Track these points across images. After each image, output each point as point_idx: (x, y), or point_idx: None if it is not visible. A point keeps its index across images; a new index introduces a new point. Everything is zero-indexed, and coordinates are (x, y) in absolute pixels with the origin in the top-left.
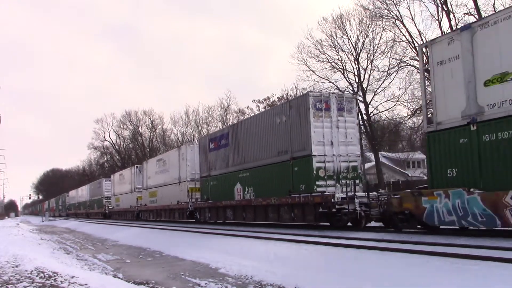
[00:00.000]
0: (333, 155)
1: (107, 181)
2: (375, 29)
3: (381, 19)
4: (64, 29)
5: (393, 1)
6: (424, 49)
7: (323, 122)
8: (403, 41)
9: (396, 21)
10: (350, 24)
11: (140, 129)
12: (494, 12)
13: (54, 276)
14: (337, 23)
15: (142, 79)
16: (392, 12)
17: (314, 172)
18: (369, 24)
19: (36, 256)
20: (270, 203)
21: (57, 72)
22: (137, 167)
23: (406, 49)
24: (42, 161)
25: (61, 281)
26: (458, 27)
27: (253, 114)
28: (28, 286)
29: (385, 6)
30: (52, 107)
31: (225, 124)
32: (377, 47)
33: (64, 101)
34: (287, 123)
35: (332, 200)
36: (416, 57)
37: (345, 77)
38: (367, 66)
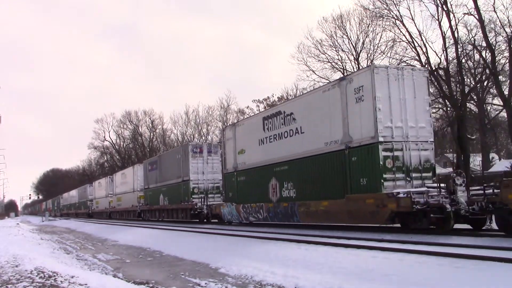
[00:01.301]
0: (204, 179)
1: (90, 187)
2: (375, 29)
3: (381, 19)
4: (64, 29)
5: (393, 1)
6: (223, 131)
7: (197, 160)
8: (403, 41)
9: (396, 21)
10: (350, 24)
11: (140, 129)
12: (493, 11)
13: (54, 276)
14: (337, 23)
15: (142, 79)
16: (392, 12)
17: (191, 189)
18: (369, 24)
19: (36, 256)
20: (173, 207)
21: (57, 72)
22: (109, 177)
23: (406, 49)
24: (42, 161)
25: (61, 281)
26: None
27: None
28: (28, 286)
29: (385, 6)
30: (52, 107)
31: (225, 124)
32: (377, 47)
33: (64, 101)
34: (181, 160)
35: (195, 206)
36: (417, 57)
37: None
38: (367, 66)
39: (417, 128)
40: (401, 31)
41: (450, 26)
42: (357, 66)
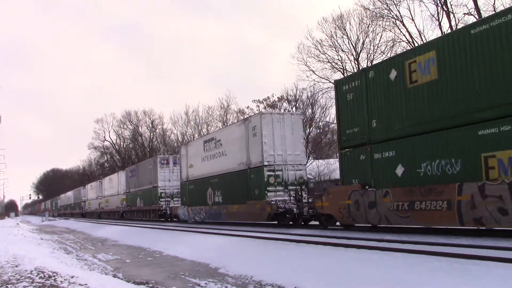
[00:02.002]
0: (170, 186)
1: (83, 189)
2: (375, 29)
3: (381, 19)
4: (64, 29)
5: (393, 1)
6: (179, 149)
7: (165, 170)
8: (403, 41)
9: (396, 21)
10: (350, 24)
11: (140, 129)
12: (494, 11)
13: (54, 276)
14: (337, 23)
15: (143, 79)
16: (392, 12)
17: (159, 194)
18: (369, 24)
19: (36, 256)
20: (146, 209)
21: (57, 72)
22: (99, 181)
23: (406, 49)
24: (42, 161)
25: (61, 281)
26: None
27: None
28: (28, 286)
29: (385, 6)
30: (52, 107)
31: (225, 124)
32: (377, 47)
33: (65, 101)
34: (152, 169)
35: (161, 208)
36: None
37: None
38: (367, 66)
39: (293, 155)
40: (401, 31)
41: (450, 26)
42: (357, 66)
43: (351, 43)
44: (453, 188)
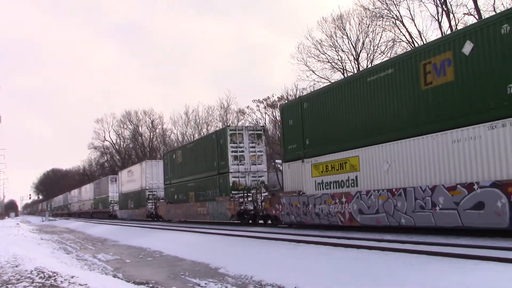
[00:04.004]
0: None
1: (69, 194)
2: (375, 29)
3: (381, 19)
4: (65, 29)
5: (393, 1)
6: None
7: (113, 185)
8: (403, 41)
9: (396, 21)
10: (350, 24)
11: (140, 129)
12: (493, 11)
13: (54, 276)
14: (337, 23)
15: (143, 79)
16: (392, 12)
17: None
18: (369, 24)
19: (36, 256)
20: (101, 210)
21: (58, 72)
22: (79, 188)
23: (406, 49)
24: (42, 161)
25: (61, 281)
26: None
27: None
28: (28, 286)
29: (385, 6)
30: (52, 107)
31: (225, 124)
32: (377, 47)
33: (65, 101)
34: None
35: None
36: None
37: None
38: (367, 66)
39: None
40: (401, 31)
41: (450, 26)
42: (357, 66)
43: (351, 43)
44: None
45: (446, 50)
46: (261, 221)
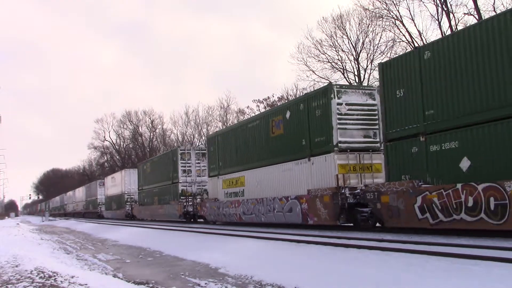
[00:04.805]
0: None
1: (65, 196)
2: (375, 29)
3: (381, 19)
4: (65, 29)
5: (393, 1)
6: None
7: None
8: (403, 41)
9: (396, 21)
10: (350, 24)
11: (140, 129)
12: (493, 11)
13: (54, 276)
14: (337, 23)
15: (143, 79)
16: (392, 12)
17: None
18: (369, 24)
19: (36, 256)
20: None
21: (58, 72)
22: (73, 191)
23: (406, 49)
24: (42, 161)
25: (61, 281)
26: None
27: (253, 113)
28: (28, 286)
29: (384, 6)
30: (52, 106)
31: (225, 124)
32: (377, 47)
33: (65, 100)
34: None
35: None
36: None
37: (345, 77)
38: (367, 66)
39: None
40: (401, 31)
41: (450, 26)
42: (357, 66)
43: (351, 43)
44: None
45: (279, 115)
46: (200, 220)
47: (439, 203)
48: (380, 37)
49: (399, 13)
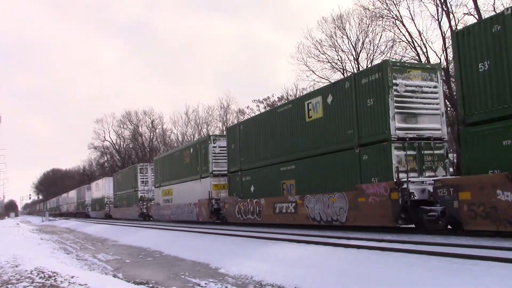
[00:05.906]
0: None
1: (61, 197)
2: (375, 29)
3: (381, 19)
4: (65, 29)
5: (393, 1)
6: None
7: (110, 185)
8: (403, 41)
9: (396, 21)
10: (350, 24)
11: (140, 129)
12: (493, 11)
13: (54, 276)
14: (336, 23)
15: (143, 79)
16: (392, 12)
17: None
18: (369, 24)
19: (36, 256)
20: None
21: (58, 72)
22: (67, 193)
23: (406, 49)
24: (42, 161)
25: (61, 281)
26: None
27: (253, 114)
28: (28, 286)
29: (385, 6)
30: (52, 106)
31: (225, 124)
32: (377, 47)
33: (65, 100)
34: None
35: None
36: (417, 57)
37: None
38: (367, 66)
39: None
40: (401, 31)
41: (450, 26)
42: (357, 66)
43: (351, 43)
44: None
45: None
46: (151, 218)
47: None
48: (380, 37)
49: (399, 13)
